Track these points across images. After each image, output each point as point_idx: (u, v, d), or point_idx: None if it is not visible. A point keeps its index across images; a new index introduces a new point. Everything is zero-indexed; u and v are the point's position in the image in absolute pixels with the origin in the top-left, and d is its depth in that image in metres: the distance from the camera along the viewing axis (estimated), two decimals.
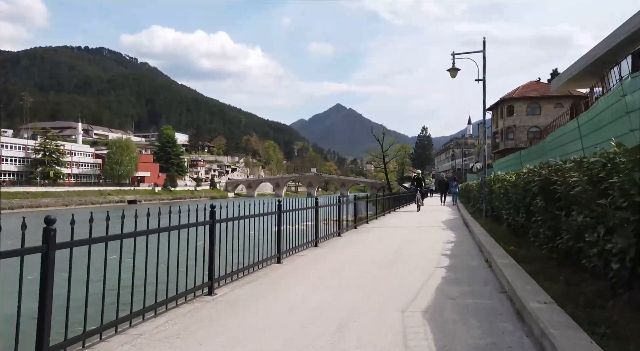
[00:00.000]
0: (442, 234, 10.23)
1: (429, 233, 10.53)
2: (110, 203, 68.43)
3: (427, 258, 6.94)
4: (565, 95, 38.01)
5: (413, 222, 13.44)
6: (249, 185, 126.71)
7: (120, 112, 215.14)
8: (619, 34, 13.19)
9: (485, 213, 11.53)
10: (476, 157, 64.09)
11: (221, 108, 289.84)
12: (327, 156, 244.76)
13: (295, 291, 4.98)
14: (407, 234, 10.57)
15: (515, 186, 6.99)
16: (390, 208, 18.60)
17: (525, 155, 12.28)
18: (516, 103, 41.10)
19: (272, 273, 5.99)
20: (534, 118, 40.12)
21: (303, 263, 6.78)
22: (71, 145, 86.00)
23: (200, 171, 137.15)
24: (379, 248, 8.26)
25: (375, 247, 8.47)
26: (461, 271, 5.94)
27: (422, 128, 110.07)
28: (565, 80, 17.75)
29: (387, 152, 76.19)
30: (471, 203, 18.54)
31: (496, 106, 44.18)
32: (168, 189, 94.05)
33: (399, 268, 6.28)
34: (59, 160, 74.45)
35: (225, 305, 4.46)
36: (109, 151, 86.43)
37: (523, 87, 42.17)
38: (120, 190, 78.85)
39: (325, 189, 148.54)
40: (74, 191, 67.70)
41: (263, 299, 4.64)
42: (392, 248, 8.23)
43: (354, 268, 6.37)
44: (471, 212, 15.06)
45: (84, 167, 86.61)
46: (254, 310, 4.24)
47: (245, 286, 5.23)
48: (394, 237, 10.09)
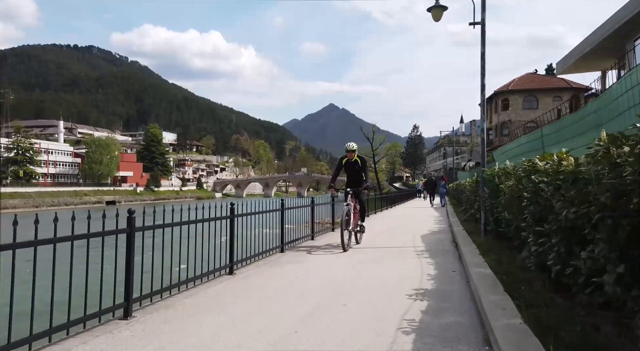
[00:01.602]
0: (414, 267, 5.92)
1: (394, 264, 6.13)
2: (86, 205, 65.09)
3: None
4: (564, 87, 35.31)
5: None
6: (238, 185, 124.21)
7: (108, 110, 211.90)
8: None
9: (485, 227, 7.90)
10: (468, 155, 61.43)
11: (212, 108, 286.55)
12: (319, 156, 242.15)
13: None
14: (356, 267, 6.00)
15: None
16: (375, 209, 17.54)
17: (553, 132, 6.80)
18: (511, 97, 38.03)
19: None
20: (530, 113, 37.13)
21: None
22: (47, 143, 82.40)
23: (187, 171, 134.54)
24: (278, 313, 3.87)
25: (278, 308, 4.04)
26: None
27: (414, 127, 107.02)
28: (575, 60, 14.80)
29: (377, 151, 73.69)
30: (463, 207, 15.39)
31: (490, 100, 41.17)
32: (151, 189, 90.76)
33: None
34: (32, 158, 70.89)
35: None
36: (88, 150, 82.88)
37: (519, 79, 39.06)
38: (99, 190, 75.42)
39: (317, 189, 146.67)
40: (46, 192, 64.17)
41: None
42: (304, 308, 3.99)
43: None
44: (463, 219, 12.05)
45: (61, 166, 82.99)
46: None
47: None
48: (334, 272, 5.66)
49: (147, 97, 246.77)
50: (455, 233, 8.93)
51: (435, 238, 9.04)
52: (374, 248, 7.83)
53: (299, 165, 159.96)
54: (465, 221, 11.42)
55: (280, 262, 6.40)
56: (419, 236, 9.36)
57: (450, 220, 12.37)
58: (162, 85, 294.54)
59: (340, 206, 8.79)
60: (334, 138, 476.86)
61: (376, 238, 9.19)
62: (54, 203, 61.32)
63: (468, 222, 11.19)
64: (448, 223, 11.90)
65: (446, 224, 12.05)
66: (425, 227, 11.20)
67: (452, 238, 8.82)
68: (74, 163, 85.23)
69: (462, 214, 13.66)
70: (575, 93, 35.55)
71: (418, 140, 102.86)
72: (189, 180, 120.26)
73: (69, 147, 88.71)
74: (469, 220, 11.37)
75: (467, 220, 11.60)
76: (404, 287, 4.70)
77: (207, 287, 4.80)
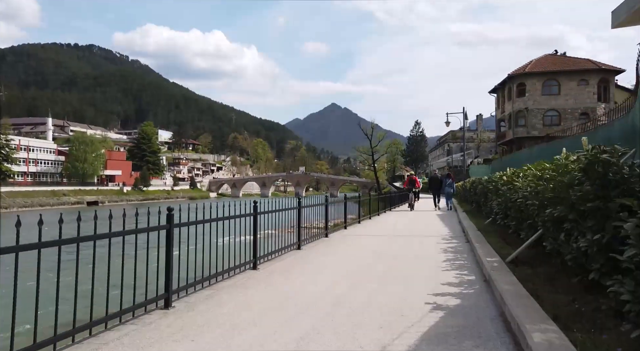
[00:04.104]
0: None
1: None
2: (64, 206, 60.63)
3: None
4: (591, 69, 30.25)
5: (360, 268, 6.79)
6: (234, 184, 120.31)
7: (106, 109, 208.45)
8: None
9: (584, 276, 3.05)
10: (475, 152, 56.46)
11: (212, 107, 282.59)
12: (320, 155, 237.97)
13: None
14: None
15: None
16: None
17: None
18: (528, 80, 32.52)
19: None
20: (551, 99, 31.92)
21: None
22: (28, 140, 77.87)
23: (182, 170, 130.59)
24: None
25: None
26: None
27: (415, 123, 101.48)
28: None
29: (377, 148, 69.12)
30: (491, 218, 9.60)
31: (502, 86, 35.91)
32: (139, 189, 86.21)
33: None
34: (8, 156, 66.28)
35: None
36: (71, 147, 78.34)
37: (537, 60, 33.48)
38: (81, 190, 70.91)
39: (317, 189, 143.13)
40: (19, 191, 59.58)
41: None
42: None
43: None
44: (512, 256, 6.69)
45: (43, 164, 78.40)
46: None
47: None
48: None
49: (145, 95, 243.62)
50: (495, 282, 3.99)
51: (456, 301, 4.38)
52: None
53: (298, 164, 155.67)
54: (501, 249, 6.40)
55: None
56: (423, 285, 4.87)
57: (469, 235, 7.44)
58: (162, 83, 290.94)
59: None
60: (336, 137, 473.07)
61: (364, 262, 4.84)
62: (27, 204, 56.80)
63: (503, 249, 6.21)
64: (466, 248, 7.05)
65: (463, 248, 7.42)
66: (428, 250, 6.65)
67: (495, 300, 4.14)
68: (58, 161, 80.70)
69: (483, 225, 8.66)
70: (604, 77, 30.45)
71: (420, 137, 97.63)
72: (182, 180, 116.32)
73: (52, 145, 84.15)
74: (509, 246, 6.37)
75: (504, 246, 6.60)
76: None
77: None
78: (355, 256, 7.25)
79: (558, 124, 29.93)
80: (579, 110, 29.78)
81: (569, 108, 30.71)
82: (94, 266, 3.21)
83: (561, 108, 31.18)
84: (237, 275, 5.52)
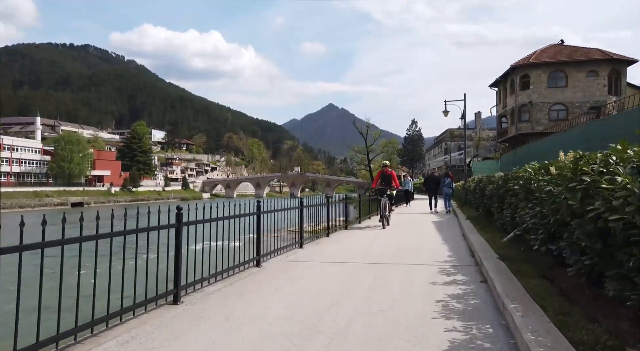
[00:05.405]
0: None
1: None
2: (46, 207, 58.11)
3: None
4: (601, 60, 27.92)
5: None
6: (228, 185, 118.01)
7: (100, 108, 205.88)
8: None
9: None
10: (474, 150, 54.16)
11: (208, 107, 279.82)
12: (317, 156, 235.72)
13: None
14: None
15: None
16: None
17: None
18: (533, 72, 30.04)
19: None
20: (557, 92, 29.49)
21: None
22: (12, 139, 75.25)
23: (175, 170, 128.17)
24: None
25: None
26: None
27: (412, 122, 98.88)
28: None
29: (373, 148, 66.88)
30: (511, 233, 6.52)
31: (504, 78, 33.46)
32: (128, 190, 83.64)
33: None
34: None
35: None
36: (56, 147, 75.80)
37: (542, 50, 31.05)
38: (65, 190, 68.37)
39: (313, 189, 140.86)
40: None
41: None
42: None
43: None
44: (528, 281, 4.20)
45: (27, 164, 75.79)
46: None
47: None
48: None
49: (140, 95, 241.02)
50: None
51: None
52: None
53: (293, 164, 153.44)
54: (522, 274, 3.93)
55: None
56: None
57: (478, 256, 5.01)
58: (157, 83, 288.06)
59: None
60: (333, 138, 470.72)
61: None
62: (6, 205, 54.28)
63: (528, 276, 3.75)
64: (486, 286, 4.52)
65: (473, 276, 5.10)
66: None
67: None
68: (43, 161, 78.11)
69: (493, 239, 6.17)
70: (615, 67, 28.08)
71: (417, 136, 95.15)
72: (175, 180, 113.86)
73: (37, 144, 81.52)
74: (534, 271, 3.90)
75: (522, 269, 4.12)
76: None
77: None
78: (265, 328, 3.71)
79: (565, 119, 27.59)
80: (588, 103, 27.36)
81: (577, 101, 28.32)
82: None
83: (568, 101, 28.78)
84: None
